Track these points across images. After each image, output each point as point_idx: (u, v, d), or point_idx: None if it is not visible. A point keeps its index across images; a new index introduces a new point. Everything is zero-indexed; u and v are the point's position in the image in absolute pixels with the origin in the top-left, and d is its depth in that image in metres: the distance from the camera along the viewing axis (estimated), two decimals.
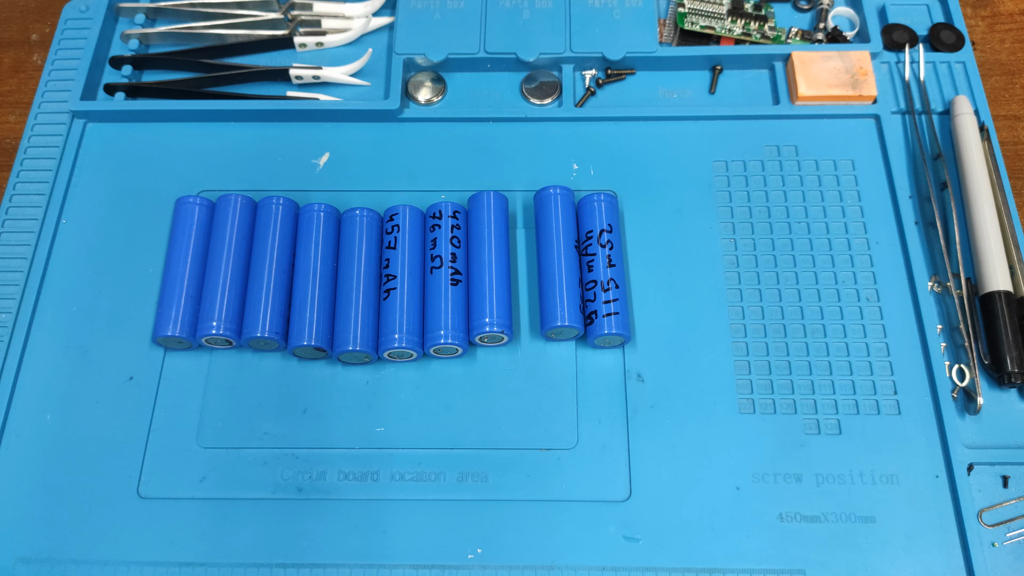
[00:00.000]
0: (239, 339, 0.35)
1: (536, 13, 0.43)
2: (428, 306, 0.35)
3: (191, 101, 0.42)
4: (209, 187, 0.40)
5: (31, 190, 0.40)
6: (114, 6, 0.44)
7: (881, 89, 0.41)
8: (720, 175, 0.40)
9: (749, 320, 0.36)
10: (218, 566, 0.32)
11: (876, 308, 0.37)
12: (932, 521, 0.33)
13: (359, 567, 0.32)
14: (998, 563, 0.32)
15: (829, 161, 0.40)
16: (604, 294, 0.35)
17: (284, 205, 0.37)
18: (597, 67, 0.43)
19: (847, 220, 0.38)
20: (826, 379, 0.35)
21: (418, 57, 0.42)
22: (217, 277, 0.35)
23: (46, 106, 0.42)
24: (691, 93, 0.42)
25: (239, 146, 0.41)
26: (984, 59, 0.45)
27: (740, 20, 0.43)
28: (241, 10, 0.44)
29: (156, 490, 0.33)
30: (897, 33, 0.43)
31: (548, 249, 0.36)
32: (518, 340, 0.36)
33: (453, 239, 0.36)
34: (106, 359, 0.36)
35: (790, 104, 0.41)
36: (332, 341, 0.35)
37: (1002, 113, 0.43)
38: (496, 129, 0.41)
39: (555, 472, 0.33)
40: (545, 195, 0.37)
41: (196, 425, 0.35)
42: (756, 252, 0.38)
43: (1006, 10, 0.47)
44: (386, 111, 0.41)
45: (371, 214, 0.37)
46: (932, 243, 0.38)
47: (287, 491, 0.33)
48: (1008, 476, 0.33)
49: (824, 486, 0.33)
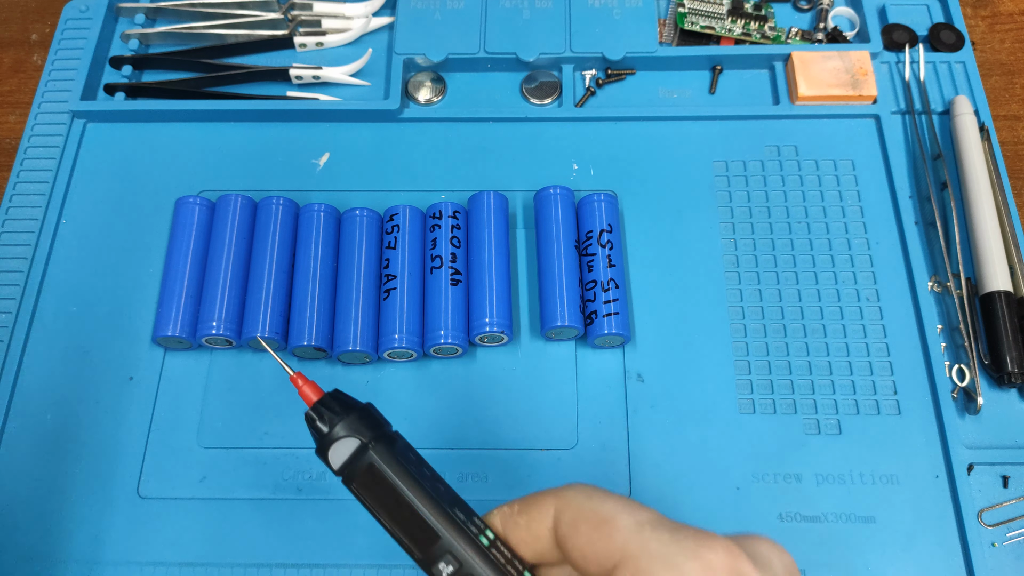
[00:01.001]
0: (239, 339, 0.35)
1: (536, 13, 0.43)
2: (428, 306, 0.35)
3: (191, 101, 0.42)
4: (209, 187, 0.40)
5: (31, 190, 0.40)
6: (114, 6, 0.44)
7: (881, 89, 0.41)
8: (720, 175, 0.40)
9: (749, 320, 0.36)
10: (218, 566, 0.32)
11: (876, 308, 0.37)
12: (932, 521, 0.33)
13: (359, 567, 0.32)
14: (998, 563, 0.32)
15: (829, 161, 0.40)
16: (604, 294, 0.35)
17: (284, 205, 0.37)
18: (597, 67, 0.43)
19: (847, 220, 0.38)
20: (826, 379, 0.35)
21: (418, 57, 0.42)
22: (217, 277, 0.35)
23: (46, 106, 0.42)
24: (691, 93, 0.42)
25: (239, 146, 0.41)
26: (984, 59, 0.45)
27: (740, 20, 0.43)
28: (241, 10, 0.44)
29: (156, 490, 0.33)
30: (897, 33, 0.43)
31: (548, 249, 0.36)
32: (518, 340, 0.36)
33: (453, 239, 0.36)
34: (106, 359, 0.36)
35: (790, 104, 0.41)
36: (332, 341, 0.35)
37: (1002, 113, 0.43)
38: (496, 129, 0.41)
39: (555, 472, 0.33)
40: (545, 195, 0.37)
41: (196, 425, 0.35)
42: (756, 252, 0.38)
43: (1006, 10, 0.47)
44: (386, 111, 0.41)
45: (371, 214, 0.37)
46: (932, 243, 0.38)
47: (287, 491, 0.33)
48: (1008, 476, 0.33)
49: (824, 486, 0.33)
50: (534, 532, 0.23)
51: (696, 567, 0.19)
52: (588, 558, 0.21)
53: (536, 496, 0.23)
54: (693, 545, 0.20)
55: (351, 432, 0.23)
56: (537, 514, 0.23)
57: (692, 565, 0.19)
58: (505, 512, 0.24)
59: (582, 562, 0.22)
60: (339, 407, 0.24)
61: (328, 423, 0.23)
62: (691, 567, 0.19)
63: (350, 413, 0.23)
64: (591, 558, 0.21)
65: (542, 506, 0.23)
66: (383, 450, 0.23)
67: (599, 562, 0.21)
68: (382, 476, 0.23)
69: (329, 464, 0.23)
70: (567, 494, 0.22)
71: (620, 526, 0.21)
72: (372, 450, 0.23)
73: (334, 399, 0.24)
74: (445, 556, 0.22)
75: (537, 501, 0.23)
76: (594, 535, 0.21)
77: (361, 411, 0.24)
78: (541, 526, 0.23)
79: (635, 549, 0.20)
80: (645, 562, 0.20)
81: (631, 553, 0.20)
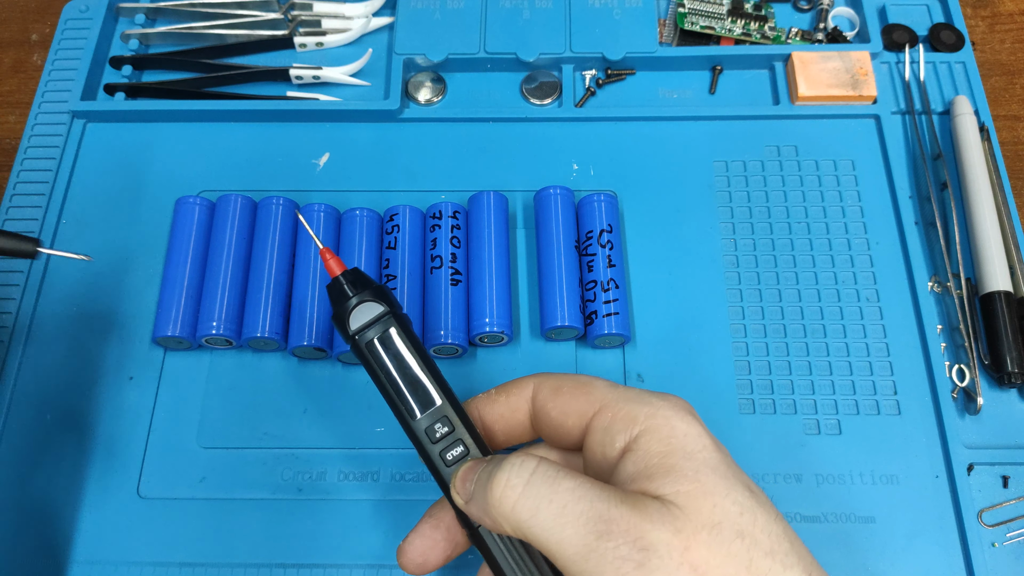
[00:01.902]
0: (239, 339, 0.35)
1: (536, 13, 0.43)
2: (428, 306, 0.35)
3: (191, 101, 0.42)
4: (209, 187, 0.40)
5: (31, 190, 0.40)
6: (114, 6, 0.44)
7: (881, 89, 0.41)
8: (720, 175, 0.40)
9: (749, 320, 0.36)
10: (218, 566, 0.32)
11: (876, 308, 0.37)
12: (932, 521, 0.33)
13: (359, 567, 0.32)
14: (998, 563, 0.32)
15: (829, 161, 0.40)
16: (604, 294, 0.35)
17: (284, 205, 0.37)
18: (597, 67, 0.43)
19: (847, 220, 0.38)
20: (826, 379, 0.35)
21: (418, 57, 0.42)
22: (217, 277, 0.35)
23: (46, 106, 0.42)
24: (691, 93, 0.42)
25: (239, 146, 0.41)
26: (984, 59, 0.45)
27: (740, 20, 0.43)
28: (241, 10, 0.44)
29: (156, 490, 0.33)
30: (897, 33, 0.43)
31: (548, 249, 0.36)
32: (518, 340, 0.36)
33: (453, 239, 0.36)
34: (106, 359, 0.36)
35: (790, 104, 0.41)
36: (332, 341, 0.35)
37: (1002, 113, 0.43)
38: (496, 129, 0.41)
39: None
40: (545, 195, 0.37)
41: (196, 425, 0.35)
42: (756, 252, 0.38)
43: (1006, 10, 0.47)
44: (386, 111, 0.41)
45: (371, 214, 0.37)
46: (932, 243, 0.38)
47: (287, 491, 0.33)
48: (1008, 476, 0.33)
49: (824, 486, 0.33)
50: (512, 406, 0.27)
51: (665, 404, 0.25)
52: (569, 413, 0.26)
53: (514, 380, 0.28)
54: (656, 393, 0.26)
55: (376, 299, 0.26)
56: (516, 390, 0.27)
57: (662, 403, 0.25)
58: (483, 397, 0.28)
59: (560, 417, 0.26)
60: (364, 280, 0.27)
61: (354, 289, 0.26)
62: (661, 403, 0.25)
63: (373, 286, 0.27)
64: (572, 412, 0.26)
65: (521, 384, 0.27)
66: (404, 320, 0.27)
67: (580, 413, 0.26)
68: (399, 341, 0.26)
69: (346, 326, 0.26)
70: (543, 374, 0.27)
71: (597, 386, 0.26)
72: (394, 317, 0.26)
73: (358, 274, 0.27)
74: (441, 419, 0.26)
75: (516, 381, 0.28)
76: (576, 393, 0.26)
77: (382, 288, 0.27)
78: (520, 399, 0.27)
79: (611, 399, 0.25)
80: (622, 404, 0.25)
81: (608, 402, 0.25)
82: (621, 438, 0.25)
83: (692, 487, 0.23)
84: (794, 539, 0.23)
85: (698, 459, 0.23)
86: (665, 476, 0.23)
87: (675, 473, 0.23)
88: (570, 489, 0.22)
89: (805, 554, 0.23)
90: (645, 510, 0.22)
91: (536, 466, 0.23)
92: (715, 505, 0.22)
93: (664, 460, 0.23)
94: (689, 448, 0.24)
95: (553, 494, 0.22)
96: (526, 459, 0.23)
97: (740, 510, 0.23)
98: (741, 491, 0.23)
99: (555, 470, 0.23)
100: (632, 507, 0.22)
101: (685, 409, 0.25)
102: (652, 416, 0.24)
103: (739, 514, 0.22)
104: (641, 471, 0.24)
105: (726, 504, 0.22)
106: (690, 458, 0.23)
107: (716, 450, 0.24)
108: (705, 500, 0.22)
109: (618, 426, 0.25)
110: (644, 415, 0.24)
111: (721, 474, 0.23)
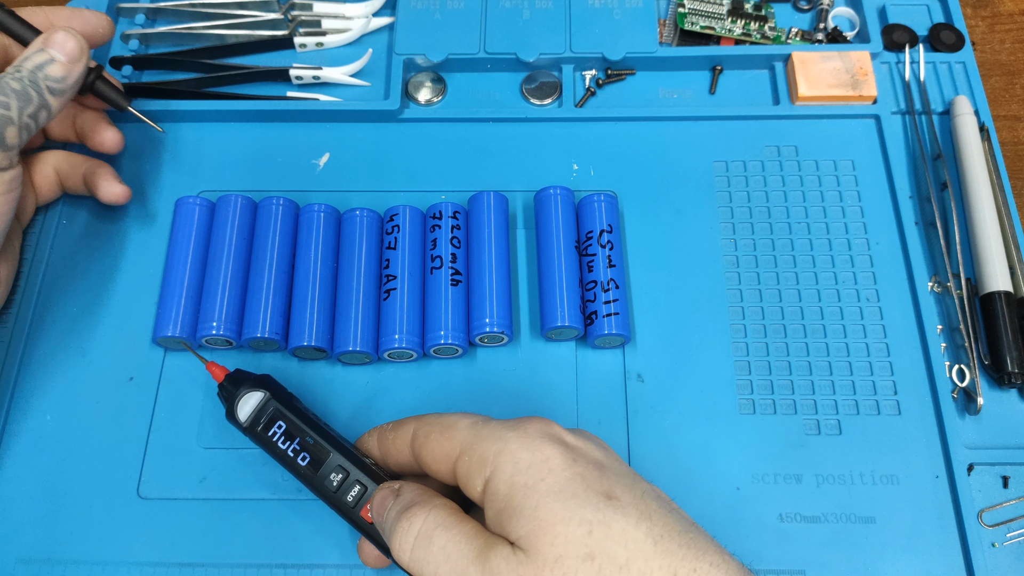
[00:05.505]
0: (239, 339, 0.35)
1: (536, 13, 0.43)
2: (428, 306, 0.35)
3: (191, 101, 0.42)
4: (209, 187, 0.40)
5: None
6: (114, 6, 0.44)
7: (881, 89, 0.41)
8: (720, 175, 0.40)
9: (749, 320, 0.36)
10: (218, 566, 0.32)
11: (876, 308, 0.37)
12: (932, 521, 0.33)
13: (359, 567, 0.32)
14: (998, 563, 0.32)
15: (829, 161, 0.40)
16: (604, 294, 0.35)
17: (284, 205, 0.37)
18: (597, 67, 0.43)
19: (847, 220, 0.38)
20: (826, 379, 0.35)
21: (418, 57, 0.42)
22: (217, 277, 0.35)
23: None
24: (691, 93, 0.42)
25: (239, 146, 0.41)
26: (984, 59, 0.45)
27: (740, 20, 0.43)
28: (241, 10, 0.44)
29: (156, 490, 0.33)
30: (897, 33, 0.43)
31: (548, 249, 0.36)
32: (518, 340, 0.36)
33: (453, 239, 0.36)
34: (106, 359, 0.36)
35: (790, 104, 0.41)
36: (332, 341, 0.35)
37: (1002, 113, 0.43)
38: (496, 129, 0.41)
39: None
40: (545, 195, 0.37)
41: (196, 425, 0.35)
42: (756, 252, 0.38)
43: (1006, 10, 0.47)
44: (386, 111, 0.41)
45: (371, 214, 0.37)
46: (932, 243, 0.38)
47: (287, 491, 0.33)
48: (1008, 476, 0.33)
49: (824, 486, 0.33)
50: (399, 446, 0.28)
51: (515, 435, 0.25)
52: (437, 458, 0.27)
53: (400, 421, 0.29)
54: (513, 423, 0.26)
55: (256, 388, 0.30)
56: (402, 431, 0.28)
57: (512, 434, 0.25)
58: (380, 430, 0.30)
59: (433, 464, 0.27)
60: (243, 375, 0.31)
61: (235, 385, 0.31)
62: (511, 435, 0.25)
63: (252, 378, 0.31)
64: (439, 457, 0.26)
65: (406, 425, 0.28)
66: (285, 398, 0.31)
67: (446, 458, 0.26)
68: (284, 415, 0.30)
69: (237, 420, 0.30)
70: (424, 416, 0.28)
71: (460, 427, 0.26)
72: (274, 397, 0.30)
73: (239, 371, 0.31)
74: (335, 468, 0.29)
75: (403, 421, 0.29)
76: (440, 438, 0.27)
77: (262, 377, 0.31)
78: (403, 441, 0.28)
79: (469, 441, 0.26)
80: (476, 445, 0.25)
81: (466, 445, 0.26)
82: (478, 482, 0.25)
83: (531, 526, 0.23)
84: (669, 533, 0.23)
85: (539, 491, 0.23)
86: (511, 519, 0.24)
87: (517, 515, 0.23)
88: (441, 548, 0.24)
89: (676, 549, 0.23)
90: (491, 562, 0.23)
91: (420, 528, 0.25)
92: (554, 538, 0.23)
93: (509, 503, 0.24)
94: (530, 482, 0.24)
95: (429, 555, 0.24)
96: (413, 519, 0.25)
97: (588, 529, 0.23)
98: (592, 507, 0.23)
99: (433, 526, 0.25)
100: (484, 563, 0.23)
101: (537, 433, 0.25)
102: (500, 453, 0.25)
103: (587, 534, 0.23)
104: (496, 515, 0.24)
105: (568, 531, 0.23)
106: (529, 494, 0.24)
107: (564, 469, 0.24)
108: (543, 537, 0.23)
109: (474, 470, 0.25)
110: (493, 453, 0.25)
111: (565, 498, 0.23)
